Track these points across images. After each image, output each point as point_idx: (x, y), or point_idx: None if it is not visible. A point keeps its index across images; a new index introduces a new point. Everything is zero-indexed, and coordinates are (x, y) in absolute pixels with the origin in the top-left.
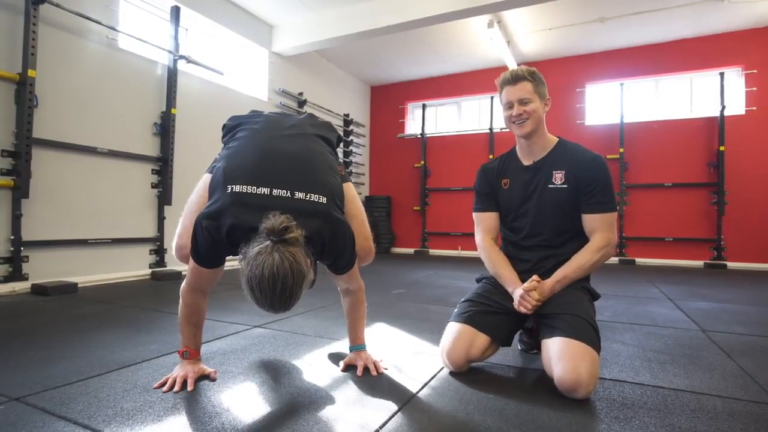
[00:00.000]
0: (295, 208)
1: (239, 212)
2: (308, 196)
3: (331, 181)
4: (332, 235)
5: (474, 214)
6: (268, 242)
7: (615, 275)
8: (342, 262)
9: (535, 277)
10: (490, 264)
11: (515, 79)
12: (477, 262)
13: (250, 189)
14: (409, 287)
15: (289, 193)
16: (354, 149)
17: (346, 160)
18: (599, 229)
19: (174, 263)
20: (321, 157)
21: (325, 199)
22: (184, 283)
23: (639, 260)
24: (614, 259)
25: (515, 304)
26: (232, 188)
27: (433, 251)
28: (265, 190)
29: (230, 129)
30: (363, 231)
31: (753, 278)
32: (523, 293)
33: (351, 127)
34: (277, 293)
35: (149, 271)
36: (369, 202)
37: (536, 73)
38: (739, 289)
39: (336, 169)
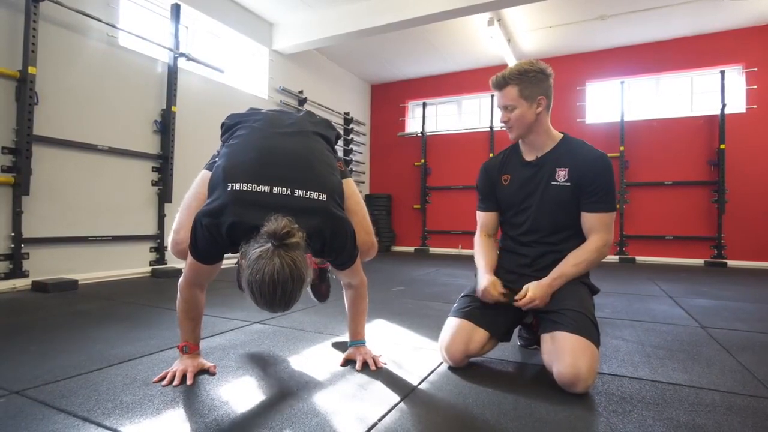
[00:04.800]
0: (295, 206)
1: (240, 210)
2: (308, 193)
3: (331, 179)
4: (332, 232)
5: (477, 213)
6: (269, 246)
7: (615, 273)
8: (343, 258)
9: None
10: (475, 254)
11: (498, 84)
12: None
13: (250, 187)
14: (409, 285)
15: (289, 191)
16: (354, 147)
17: (346, 158)
18: (597, 229)
19: (174, 261)
20: (320, 155)
21: (324, 196)
22: (181, 279)
23: (639, 258)
24: (614, 258)
25: (478, 290)
26: (232, 186)
27: (433, 249)
28: (266, 188)
29: (229, 127)
30: (365, 226)
31: (753, 276)
32: (487, 286)
33: (351, 126)
34: (276, 297)
35: (149, 268)
36: (369, 201)
37: (527, 72)
38: (740, 286)
39: (335, 167)
